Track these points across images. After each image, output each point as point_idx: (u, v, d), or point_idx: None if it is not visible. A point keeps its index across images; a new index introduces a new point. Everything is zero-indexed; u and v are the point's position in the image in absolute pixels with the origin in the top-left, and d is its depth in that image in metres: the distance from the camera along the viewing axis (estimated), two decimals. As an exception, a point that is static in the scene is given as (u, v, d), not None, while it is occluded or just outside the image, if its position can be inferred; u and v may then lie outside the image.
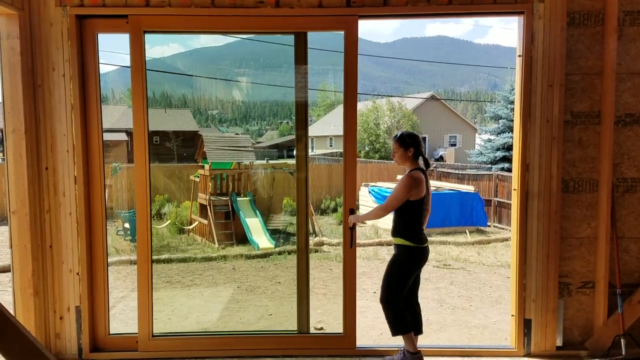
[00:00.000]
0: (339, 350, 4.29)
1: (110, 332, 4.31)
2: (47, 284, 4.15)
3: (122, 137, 26.30)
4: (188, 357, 4.22)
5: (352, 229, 4.13)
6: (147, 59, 4.19)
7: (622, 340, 4.04)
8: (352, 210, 4.15)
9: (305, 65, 4.28)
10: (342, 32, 4.09)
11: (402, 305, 3.98)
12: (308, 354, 4.26)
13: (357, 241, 4.13)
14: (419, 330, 4.14)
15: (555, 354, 4.20)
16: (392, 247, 4.11)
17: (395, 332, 3.98)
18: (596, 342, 4.18)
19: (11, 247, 4.03)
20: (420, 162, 4.07)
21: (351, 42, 4.10)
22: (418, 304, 4.19)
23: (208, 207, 11.42)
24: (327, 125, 48.13)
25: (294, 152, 4.46)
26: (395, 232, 4.01)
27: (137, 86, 4.07)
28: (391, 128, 35.63)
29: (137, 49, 4.05)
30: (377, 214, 4.08)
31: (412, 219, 3.95)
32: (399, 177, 18.81)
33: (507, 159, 20.22)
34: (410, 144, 4.01)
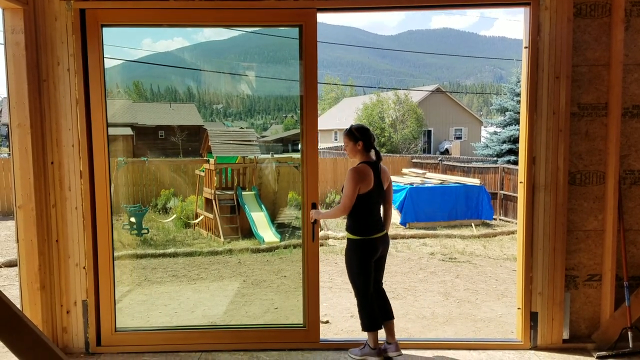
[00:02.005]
0: (301, 343, 4.31)
1: (118, 326, 4.32)
2: (53, 278, 4.17)
3: (128, 131, 26.37)
4: (164, 350, 4.25)
5: (314, 223, 4.18)
6: (151, 53, 4.20)
7: (629, 333, 4.03)
8: (314, 204, 4.18)
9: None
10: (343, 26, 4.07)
11: (373, 300, 4.07)
12: (282, 347, 4.28)
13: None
14: (388, 315, 4.17)
15: (561, 347, 4.19)
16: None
17: (364, 327, 4.08)
18: (603, 334, 4.16)
19: (17, 242, 4.04)
20: (372, 154, 4.11)
21: (310, 36, 4.09)
22: (382, 290, 4.24)
23: (213, 201, 11.43)
24: (332, 119, 48.06)
25: (299, 146, 4.45)
26: (346, 225, 4.11)
27: (94, 81, 4.09)
28: (396, 121, 35.55)
29: (95, 44, 4.06)
30: (336, 213, 4.15)
31: (357, 212, 4.00)
32: (404, 170, 18.56)
33: (513, 152, 20.13)
34: (359, 137, 4.05)
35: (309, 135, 4.18)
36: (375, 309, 4.08)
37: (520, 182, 4.21)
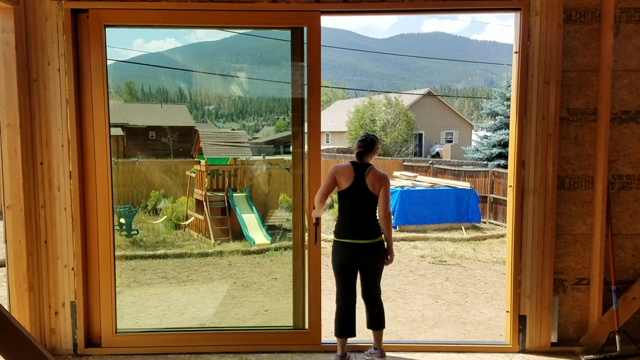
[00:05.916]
0: (304, 346, 4.32)
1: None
2: (42, 279, 4.14)
3: (118, 131, 26.20)
4: (153, 352, 4.23)
5: (317, 224, 4.17)
6: (143, 53, 4.19)
7: (616, 336, 4.06)
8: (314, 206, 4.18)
9: (302, 61, 4.27)
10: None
11: (345, 307, 4.09)
12: (272, 349, 4.28)
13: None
14: (375, 326, 4.13)
15: (550, 350, 4.22)
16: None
17: (334, 331, 4.12)
18: (591, 338, 4.19)
19: (6, 242, 4.02)
20: (370, 159, 4.12)
21: (314, 39, 4.11)
22: (373, 300, 4.14)
23: (204, 202, 11.40)
24: (323, 121, 47.97)
25: (291, 148, 4.46)
26: None
27: (97, 82, 4.10)
28: (387, 124, 35.63)
29: (98, 44, 4.06)
30: (315, 199, 4.08)
31: (339, 211, 4.13)
32: (395, 172, 18.58)
33: (503, 156, 20.26)
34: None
35: (312, 139, 4.18)
36: (344, 316, 4.05)
37: (510, 186, 4.24)
